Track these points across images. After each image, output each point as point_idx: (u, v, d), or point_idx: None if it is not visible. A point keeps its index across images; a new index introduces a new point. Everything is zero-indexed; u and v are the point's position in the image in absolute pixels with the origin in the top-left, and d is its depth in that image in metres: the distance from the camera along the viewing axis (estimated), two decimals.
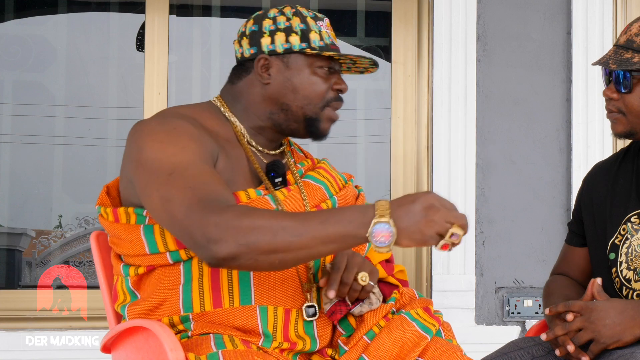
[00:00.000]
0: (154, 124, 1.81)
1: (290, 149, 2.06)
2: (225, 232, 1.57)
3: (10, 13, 4.21)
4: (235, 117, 1.93)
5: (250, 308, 1.78)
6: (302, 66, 1.89)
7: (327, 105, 1.91)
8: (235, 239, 1.56)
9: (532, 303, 3.56)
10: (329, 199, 1.95)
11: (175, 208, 1.64)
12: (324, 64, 1.90)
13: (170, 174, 1.69)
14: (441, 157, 3.56)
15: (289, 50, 1.88)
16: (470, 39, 3.58)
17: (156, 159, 1.72)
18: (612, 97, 2.01)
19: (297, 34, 1.88)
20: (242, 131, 1.92)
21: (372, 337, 1.85)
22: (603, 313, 1.90)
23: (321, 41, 1.89)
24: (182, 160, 1.71)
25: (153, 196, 1.70)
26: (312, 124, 1.91)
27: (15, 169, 4.24)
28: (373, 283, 1.87)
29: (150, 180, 1.71)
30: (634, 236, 2.01)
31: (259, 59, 1.89)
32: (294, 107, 1.90)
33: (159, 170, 1.70)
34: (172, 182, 1.67)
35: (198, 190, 1.65)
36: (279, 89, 1.90)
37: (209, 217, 1.59)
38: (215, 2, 4.17)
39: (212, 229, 1.58)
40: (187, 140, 1.76)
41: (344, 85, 1.93)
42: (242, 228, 1.57)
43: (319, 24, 1.92)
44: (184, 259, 1.80)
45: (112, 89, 4.28)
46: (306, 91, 1.89)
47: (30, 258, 4.35)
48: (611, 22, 3.63)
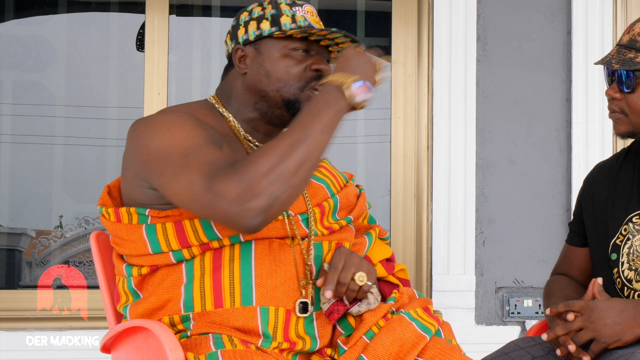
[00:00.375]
0: (155, 116, 1.83)
1: None
2: (252, 185, 1.59)
3: (10, 13, 4.21)
4: (228, 113, 1.94)
5: (251, 309, 1.78)
6: (273, 50, 1.89)
7: (307, 85, 1.89)
8: (264, 182, 1.59)
9: (532, 303, 3.56)
10: (330, 198, 1.95)
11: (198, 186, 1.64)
12: (298, 46, 1.89)
13: (185, 156, 1.69)
14: (441, 157, 3.56)
15: (260, 36, 1.89)
16: (470, 39, 3.58)
17: (167, 146, 1.72)
18: (614, 97, 2.01)
19: (268, 20, 1.89)
20: (237, 126, 1.93)
21: (371, 337, 1.85)
22: (603, 312, 1.90)
23: (293, 24, 1.89)
24: (192, 142, 1.72)
25: (172, 182, 1.69)
26: (293, 106, 1.89)
27: (15, 169, 4.24)
28: (371, 283, 1.87)
29: (166, 167, 1.71)
30: (635, 236, 2.01)
31: (235, 49, 1.91)
32: (271, 93, 1.89)
33: (173, 155, 1.71)
34: (188, 164, 1.67)
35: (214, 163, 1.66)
36: (255, 76, 1.90)
37: (229, 179, 1.60)
38: (215, 2, 4.17)
39: (237, 190, 1.59)
40: (192, 126, 1.77)
41: (324, 65, 1.90)
42: (262, 170, 1.60)
43: (295, 9, 1.91)
44: (186, 258, 1.80)
45: (112, 89, 4.28)
46: (279, 74, 1.88)
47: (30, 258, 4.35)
48: (611, 22, 3.63)
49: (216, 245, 1.79)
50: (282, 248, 1.84)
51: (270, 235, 1.83)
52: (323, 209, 1.92)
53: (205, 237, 1.78)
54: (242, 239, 1.80)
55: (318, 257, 1.88)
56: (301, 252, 1.86)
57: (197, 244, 1.79)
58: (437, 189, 3.54)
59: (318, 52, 1.92)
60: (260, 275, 1.80)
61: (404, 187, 3.64)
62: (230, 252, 1.80)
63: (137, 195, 1.83)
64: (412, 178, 3.64)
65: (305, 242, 1.87)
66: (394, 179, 3.66)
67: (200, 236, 1.78)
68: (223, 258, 1.80)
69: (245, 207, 1.58)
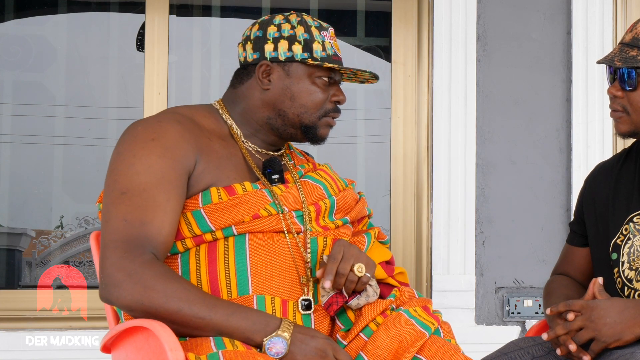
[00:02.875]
0: (139, 129, 1.87)
1: (289, 152, 2.08)
2: (130, 284, 1.69)
3: (10, 13, 4.21)
4: (232, 120, 1.97)
5: (247, 298, 1.80)
6: (303, 75, 1.93)
7: (325, 116, 1.96)
8: (134, 294, 1.69)
9: (532, 303, 3.56)
10: (327, 199, 1.96)
11: (106, 233, 1.76)
12: (324, 74, 1.94)
13: (123, 194, 1.78)
14: (441, 157, 3.56)
15: (291, 58, 1.92)
16: (470, 39, 3.58)
17: (120, 172, 1.80)
18: (616, 95, 2.01)
19: (300, 43, 1.92)
20: (239, 134, 1.96)
21: (369, 334, 1.85)
22: (604, 312, 1.90)
23: (323, 52, 1.93)
24: (141, 181, 1.78)
25: (103, 207, 1.81)
26: (309, 130, 1.96)
27: (15, 169, 4.24)
28: (370, 275, 1.87)
29: (107, 190, 1.81)
30: (636, 236, 2.01)
31: (260, 64, 1.93)
32: (290, 114, 1.94)
33: (116, 184, 1.80)
34: (118, 204, 1.77)
35: (132, 227, 1.74)
36: (278, 95, 1.94)
37: (123, 259, 1.71)
38: (215, 2, 4.17)
39: (119, 273, 1.70)
40: (159, 154, 1.81)
41: (342, 97, 1.98)
42: (147, 286, 1.68)
43: (322, 34, 1.95)
44: (180, 250, 1.83)
45: (112, 89, 4.28)
46: (304, 100, 1.93)
47: (30, 258, 4.35)
48: (611, 22, 3.63)
49: (210, 238, 1.83)
50: (276, 240, 1.86)
51: (265, 228, 1.85)
52: (319, 207, 1.93)
53: (198, 230, 1.82)
54: (236, 232, 1.83)
55: (313, 252, 1.90)
56: (297, 245, 1.88)
57: (190, 236, 1.82)
58: (437, 189, 3.54)
59: (336, 80, 1.98)
60: (256, 265, 1.82)
61: (404, 187, 3.64)
62: (224, 245, 1.83)
63: None
64: (412, 178, 3.64)
65: (301, 237, 1.89)
66: (394, 179, 3.66)
67: (194, 228, 1.82)
68: (218, 250, 1.82)
69: (109, 289, 1.72)
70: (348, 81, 2.06)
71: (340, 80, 2.00)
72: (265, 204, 1.85)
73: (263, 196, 1.86)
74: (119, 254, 1.71)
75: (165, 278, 1.70)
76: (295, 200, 1.91)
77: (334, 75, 1.96)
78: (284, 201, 1.88)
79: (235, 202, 1.82)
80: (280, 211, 1.87)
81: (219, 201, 1.82)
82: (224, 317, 1.70)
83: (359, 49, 4.26)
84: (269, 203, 1.86)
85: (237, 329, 1.70)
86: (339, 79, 1.99)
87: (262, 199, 1.85)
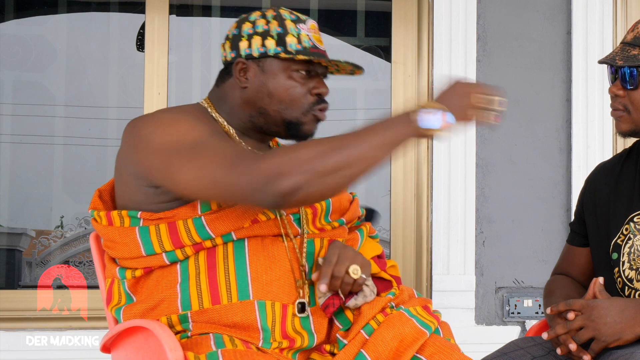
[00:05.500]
0: (154, 114, 1.84)
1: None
2: (285, 165, 1.59)
3: (10, 13, 4.21)
4: (222, 118, 1.94)
5: (248, 303, 1.79)
6: (278, 70, 1.88)
7: (310, 111, 1.90)
8: (297, 167, 1.59)
9: (532, 303, 3.56)
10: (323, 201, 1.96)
11: (215, 170, 1.65)
12: (301, 68, 1.88)
13: (193, 147, 1.69)
14: (441, 157, 3.56)
15: (264, 54, 1.88)
16: (470, 39, 3.58)
17: (172, 140, 1.72)
18: (617, 94, 2.02)
19: (273, 38, 1.88)
20: (231, 131, 1.93)
21: (370, 332, 1.85)
22: (604, 311, 1.90)
23: (299, 44, 1.88)
24: (198, 134, 1.73)
25: (182, 172, 1.69)
26: (293, 127, 1.90)
27: (15, 169, 4.24)
28: (365, 276, 1.87)
29: (172, 159, 1.71)
30: (636, 236, 2.01)
31: (236, 62, 1.90)
32: (271, 112, 1.89)
33: (180, 147, 1.71)
34: (199, 152, 1.68)
35: (229, 150, 1.67)
36: (256, 93, 1.89)
37: (257, 162, 1.61)
38: (215, 2, 4.17)
39: (267, 168, 1.60)
40: (195, 120, 1.78)
41: (324, 89, 1.91)
42: (300, 157, 1.60)
43: (299, 27, 1.90)
44: (180, 258, 1.81)
45: (112, 89, 4.29)
46: (281, 96, 1.88)
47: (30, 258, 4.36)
48: (611, 22, 3.63)
49: (209, 245, 1.80)
50: (275, 245, 1.85)
51: (263, 233, 1.84)
52: (315, 210, 1.93)
53: (198, 237, 1.79)
54: (235, 237, 1.81)
55: (310, 253, 1.89)
56: (294, 248, 1.87)
57: (190, 243, 1.80)
58: (437, 189, 3.54)
59: (318, 73, 1.92)
60: (256, 270, 1.81)
61: (404, 187, 3.64)
62: (223, 250, 1.81)
63: (134, 194, 1.83)
64: (412, 178, 3.64)
65: (298, 240, 1.88)
66: (394, 179, 3.66)
67: (193, 236, 1.79)
68: (217, 256, 1.81)
69: (272, 185, 1.59)
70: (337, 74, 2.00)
71: (323, 73, 1.94)
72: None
73: None
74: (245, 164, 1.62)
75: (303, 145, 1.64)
76: None
77: (314, 67, 1.90)
78: None
79: (235, 208, 1.80)
80: (278, 215, 1.86)
81: (218, 208, 1.80)
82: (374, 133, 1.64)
83: (359, 49, 4.27)
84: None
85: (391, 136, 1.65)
86: (322, 72, 1.93)
87: None
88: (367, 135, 1.64)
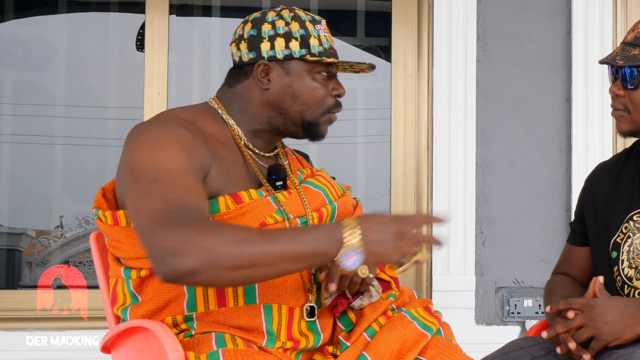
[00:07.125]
0: (151, 128, 1.82)
1: (283, 151, 2.07)
2: (187, 246, 1.56)
3: (10, 13, 4.21)
4: (232, 120, 1.93)
5: (254, 307, 1.79)
6: (302, 72, 1.90)
7: (328, 112, 1.93)
8: (198, 252, 1.56)
9: (532, 303, 3.56)
10: (328, 204, 1.95)
11: (144, 217, 1.64)
12: (323, 69, 1.90)
13: (152, 182, 1.69)
14: (441, 157, 3.56)
15: (289, 56, 1.88)
16: (470, 39, 3.58)
17: (143, 164, 1.73)
18: (618, 94, 2.02)
19: (297, 40, 1.88)
20: (240, 134, 1.92)
21: (372, 335, 1.85)
22: (604, 310, 1.90)
23: (320, 46, 1.89)
24: (168, 168, 1.72)
25: (131, 201, 1.71)
26: (311, 127, 1.92)
27: (15, 169, 4.24)
28: (372, 276, 1.87)
29: (132, 184, 1.72)
30: (635, 235, 2.01)
31: (258, 64, 1.89)
32: (292, 112, 1.90)
33: (143, 175, 1.71)
34: (150, 190, 1.68)
35: (171, 202, 1.66)
36: (279, 94, 1.90)
37: (172, 230, 1.59)
38: (215, 2, 4.17)
39: (172, 242, 1.57)
40: (178, 148, 1.76)
41: (342, 90, 1.94)
42: (206, 242, 1.57)
43: (317, 28, 1.91)
44: None
45: (112, 89, 4.29)
46: (305, 97, 1.90)
47: (30, 258, 4.36)
48: (611, 22, 3.63)
49: None
50: None
51: None
52: (321, 214, 1.92)
53: None
54: None
55: None
56: None
57: None
58: (437, 189, 3.55)
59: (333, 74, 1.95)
60: None
61: (404, 187, 3.64)
62: None
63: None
64: (412, 178, 3.65)
65: None
66: (394, 179, 3.66)
67: None
68: None
69: (169, 262, 1.57)
70: (343, 72, 2.02)
71: (336, 72, 1.97)
72: (271, 212, 1.83)
73: (268, 203, 1.83)
74: (166, 227, 1.59)
75: (217, 229, 1.60)
76: (299, 207, 1.89)
77: (332, 68, 1.93)
78: (288, 208, 1.86)
79: (243, 211, 1.79)
80: (286, 218, 1.85)
81: (227, 210, 1.78)
82: (287, 245, 1.59)
83: (359, 49, 4.27)
84: (275, 210, 1.83)
85: (306, 253, 1.60)
86: (336, 72, 1.96)
87: (268, 206, 1.82)
88: (284, 242, 1.60)
